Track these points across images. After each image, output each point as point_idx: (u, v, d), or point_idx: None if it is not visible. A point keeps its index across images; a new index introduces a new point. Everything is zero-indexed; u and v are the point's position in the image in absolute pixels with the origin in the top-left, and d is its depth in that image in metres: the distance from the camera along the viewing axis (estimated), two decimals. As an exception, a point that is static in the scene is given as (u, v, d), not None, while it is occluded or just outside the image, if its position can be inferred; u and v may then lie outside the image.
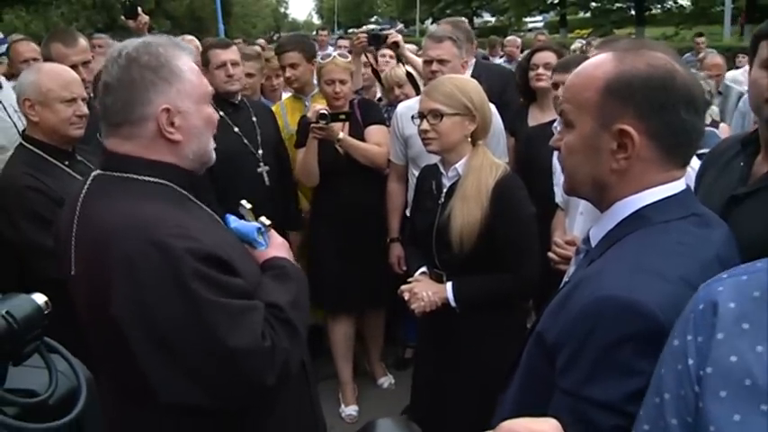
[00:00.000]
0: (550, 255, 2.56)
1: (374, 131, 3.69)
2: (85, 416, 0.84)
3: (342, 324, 3.91)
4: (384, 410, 3.67)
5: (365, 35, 4.01)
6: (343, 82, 3.59)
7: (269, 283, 1.70)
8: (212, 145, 1.72)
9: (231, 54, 3.63)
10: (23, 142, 2.75)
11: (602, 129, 1.24)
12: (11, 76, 4.59)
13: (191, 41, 4.55)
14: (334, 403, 3.90)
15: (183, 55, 1.64)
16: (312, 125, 3.41)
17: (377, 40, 4.03)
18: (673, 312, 1.04)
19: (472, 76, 4.21)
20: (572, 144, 1.30)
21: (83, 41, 3.67)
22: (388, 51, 5.50)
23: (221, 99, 3.62)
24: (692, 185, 2.05)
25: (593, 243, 1.34)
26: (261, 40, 6.92)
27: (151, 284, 1.44)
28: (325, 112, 3.39)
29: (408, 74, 4.04)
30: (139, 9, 4.15)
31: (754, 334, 0.87)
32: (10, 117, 3.62)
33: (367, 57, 4.19)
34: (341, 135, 3.50)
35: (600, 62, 1.28)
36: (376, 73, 4.29)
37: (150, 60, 1.58)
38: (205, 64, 3.65)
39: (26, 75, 2.79)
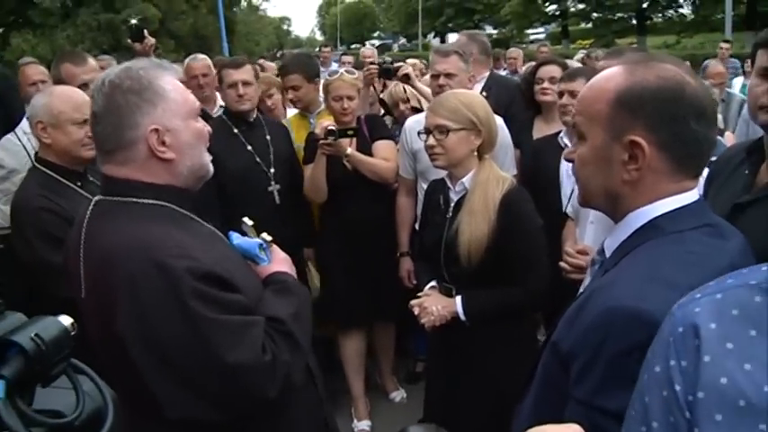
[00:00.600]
0: (562, 264, 2.57)
1: (382, 146, 3.72)
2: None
3: (353, 339, 3.92)
4: (397, 424, 3.66)
5: (376, 67, 4.01)
6: (350, 98, 3.62)
7: (270, 298, 1.73)
8: (207, 158, 1.75)
9: (243, 74, 3.67)
10: (36, 164, 2.79)
11: (613, 140, 1.26)
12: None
13: (203, 60, 4.60)
14: (347, 418, 3.89)
15: (165, 75, 1.67)
16: (320, 141, 3.43)
17: (387, 73, 4.04)
18: None
19: (483, 88, 4.27)
20: (584, 156, 1.33)
21: (92, 61, 3.73)
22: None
23: (236, 117, 3.67)
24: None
25: (608, 254, 1.36)
26: (261, 60, 6.92)
27: (152, 304, 1.48)
28: (334, 128, 3.42)
29: (414, 108, 4.07)
30: (145, 32, 4.18)
31: (740, 353, 0.86)
32: (20, 140, 3.66)
33: (374, 87, 4.21)
34: (349, 150, 3.53)
35: (611, 75, 1.30)
36: (383, 103, 4.30)
37: (133, 84, 1.61)
38: (220, 82, 3.76)
39: (38, 98, 2.82)
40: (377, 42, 52.08)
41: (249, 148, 3.66)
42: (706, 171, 2.15)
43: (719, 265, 1.18)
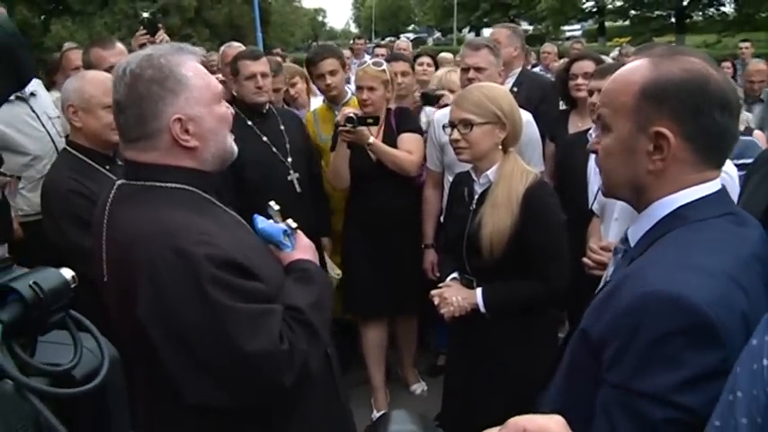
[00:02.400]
0: (585, 260, 2.54)
1: (407, 139, 3.70)
2: (108, 389, 0.86)
3: (374, 330, 3.93)
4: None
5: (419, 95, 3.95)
6: (371, 89, 3.61)
7: (290, 286, 1.73)
8: (231, 139, 1.74)
9: (261, 66, 3.64)
10: (67, 147, 2.84)
11: (638, 131, 1.28)
12: (51, 84, 4.71)
13: (238, 47, 4.59)
14: (367, 408, 3.92)
15: (187, 60, 1.66)
16: (340, 128, 3.46)
17: (429, 100, 4.04)
18: (718, 306, 1.09)
19: (515, 83, 4.24)
20: (609, 147, 1.35)
21: (120, 45, 3.76)
22: (426, 59, 5.52)
23: (249, 109, 3.65)
24: (733, 192, 2.04)
25: (632, 243, 1.38)
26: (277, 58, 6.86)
27: (172, 290, 1.49)
28: (353, 115, 3.43)
29: None
30: (159, 26, 4.16)
31: None
32: (44, 125, 3.72)
33: (413, 68, 4.20)
34: (371, 140, 3.52)
35: (636, 67, 1.32)
36: (425, 96, 4.27)
37: (155, 74, 1.60)
38: (235, 73, 3.69)
39: (70, 82, 2.87)
40: (411, 36, 51.83)
41: (264, 139, 3.66)
42: (734, 170, 2.12)
43: (745, 252, 1.22)
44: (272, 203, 1.94)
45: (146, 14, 4.32)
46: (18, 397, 0.76)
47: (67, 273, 0.88)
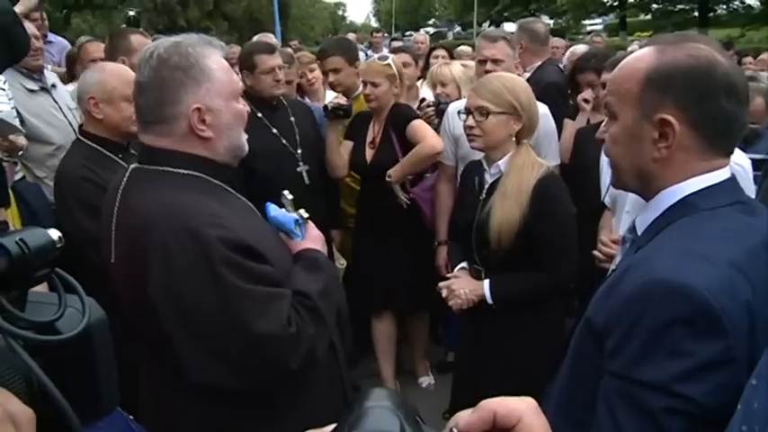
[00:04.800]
0: (596, 253, 2.53)
1: (411, 130, 3.54)
2: (94, 346, 0.88)
3: (383, 323, 3.92)
4: (424, 409, 3.67)
5: (432, 109, 3.89)
6: (374, 84, 3.56)
7: (299, 273, 1.76)
8: (244, 137, 1.78)
9: (278, 59, 3.64)
10: (80, 137, 2.86)
11: (643, 119, 1.27)
12: (71, 77, 4.74)
13: (270, 39, 4.58)
14: (376, 399, 3.92)
15: (213, 53, 1.69)
16: (324, 116, 3.58)
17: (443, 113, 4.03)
18: (722, 295, 1.08)
19: (528, 80, 4.21)
20: (616, 135, 1.34)
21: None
22: (441, 53, 5.48)
23: (259, 101, 3.61)
24: (747, 186, 2.03)
25: (639, 231, 1.37)
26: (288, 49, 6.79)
27: (184, 270, 1.52)
28: (327, 105, 3.51)
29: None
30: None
31: None
32: (65, 116, 3.75)
33: (416, 61, 4.17)
34: (389, 174, 3.50)
35: (641, 55, 1.31)
36: None
37: (180, 61, 1.64)
38: (250, 68, 3.63)
39: (90, 74, 2.88)
40: (431, 30, 51.71)
41: (274, 131, 3.65)
42: (748, 162, 2.10)
43: (753, 242, 1.20)
44: (285, 192, 1.97)
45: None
46: (7, 348, 0.78)
47: (54, 233, 0.91)
